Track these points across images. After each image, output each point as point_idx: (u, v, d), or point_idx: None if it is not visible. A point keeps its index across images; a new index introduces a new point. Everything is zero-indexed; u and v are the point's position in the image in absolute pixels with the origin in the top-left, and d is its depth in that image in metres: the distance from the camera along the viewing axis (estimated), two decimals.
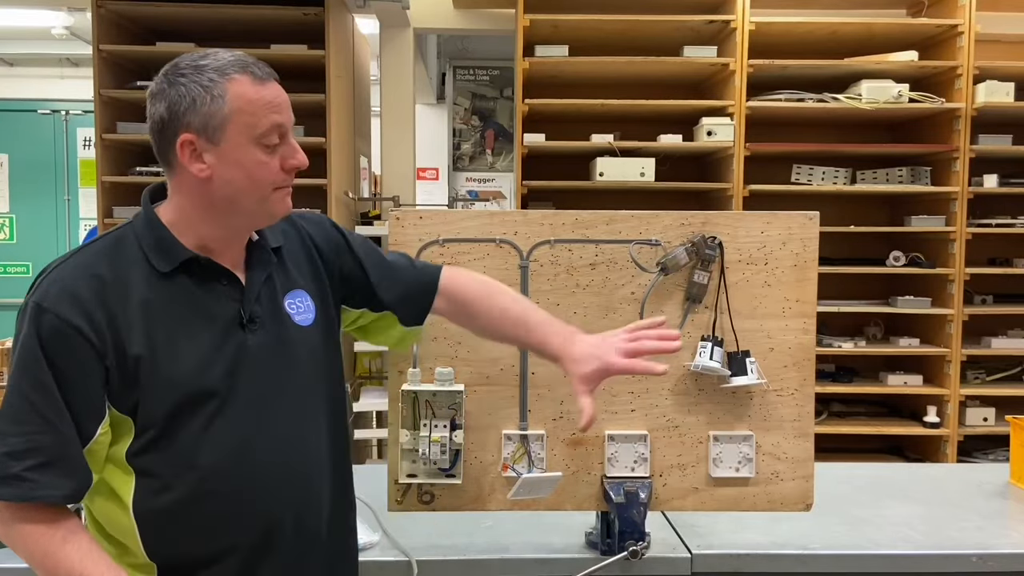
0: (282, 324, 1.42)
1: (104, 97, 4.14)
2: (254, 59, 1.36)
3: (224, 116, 1.29)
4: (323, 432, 1.46)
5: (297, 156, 1.35)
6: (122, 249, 1.36)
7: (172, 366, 1.30)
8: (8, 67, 8.13)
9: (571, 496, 1.80)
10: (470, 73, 7.39)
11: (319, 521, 1.43)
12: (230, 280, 1.39)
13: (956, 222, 4.09)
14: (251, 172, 1.33)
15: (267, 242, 1.45)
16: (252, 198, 1.34)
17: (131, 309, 1.30)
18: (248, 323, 1.37)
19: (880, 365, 4.43)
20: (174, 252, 1.35)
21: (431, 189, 7.76)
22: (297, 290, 1.46)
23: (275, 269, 1.44)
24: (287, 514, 1.37)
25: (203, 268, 1.37)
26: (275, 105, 1.33)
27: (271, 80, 1.34)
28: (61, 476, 1.26)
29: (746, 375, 1.76)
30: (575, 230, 1.79)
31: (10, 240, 6.81)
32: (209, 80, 1.30)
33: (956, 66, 4.05)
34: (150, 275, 1.33)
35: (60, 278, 1.30)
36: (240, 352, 1.35)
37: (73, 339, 1.26)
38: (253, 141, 1.32)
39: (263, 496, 1.35)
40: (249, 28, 4.30)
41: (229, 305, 1.37)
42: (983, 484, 2.31)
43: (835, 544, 1.87)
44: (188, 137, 1.30)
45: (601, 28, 4.10)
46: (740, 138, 4.05)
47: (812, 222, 1.81)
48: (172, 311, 1.33)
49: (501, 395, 1.79)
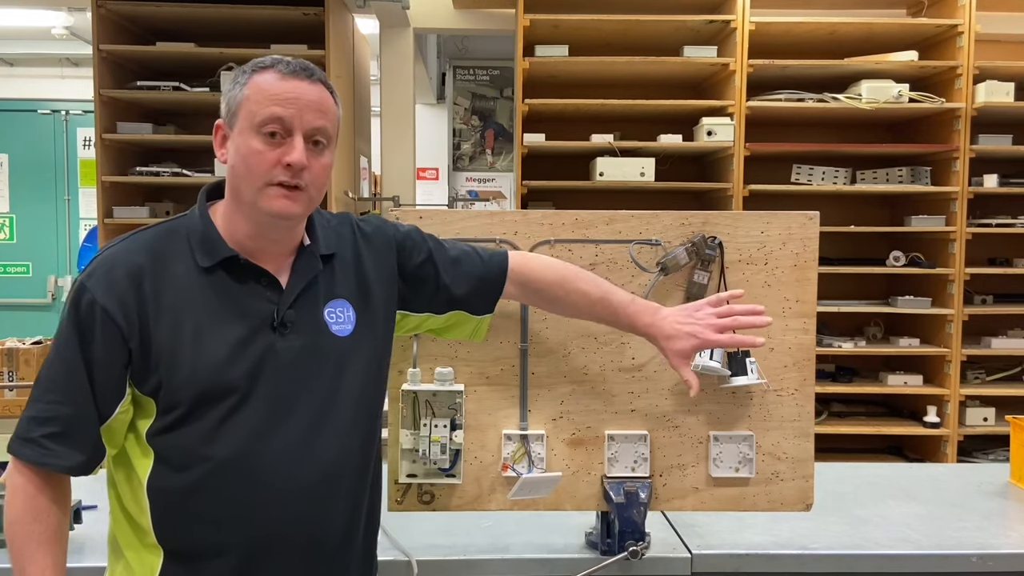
0: (318, 332, 1.41)
1: (104, 97, 4.14)
2: (301, 62, 1.38)
3: (239, 103, 1.35)
4: (345, 446, 1.42)
5: (292, 154, 1.33)
6: (170, 240, 1.39)
7: (195, 357, 1.33)
8: (8, 67, 8.13)
9: (571, 496, 1.80)
10: (470, 73, 7.39)
11: (329, 537, 1.41)
12: (269, 281, 1.39)
13: (956, 222, 4.09)
14: (247, 159, 1.34)
15: (318, 248, 1.45)
16: (249, 188, 1.35)
17: (165, 297, 1.34)
18: (279, 326, 1.38)
19: (880, 365, 4.43)
20: (217, 248, 1.38)
21: (431, 189, 7.76)
22: (339, 299, 1.45)
23: (321, 276, 1.44)
24: (291, 524, 1.36)
25: (242, 267, 1.38)
26: (283, 99, 1.33)
27: (297, 79, 1.35)
28: (72, 448, 1.32)
29: (746, 375, 1.76)
30: (575, 230, 1.79)
31: (10, 240, 6.80)
32: (243, 72, 1.38)
33: (956, 66, 4.06)
34: (191, 268, 1.37)
35: (105, 260, 1.37)
36: (267, 354, 1.36)
37: (102, 320, 1.32)
38: (253, 128, 1.34)
39: (265, 502, 1.35)
40: (249, 28, 4.30)
41: (264, 306, 1.38)
42: (983, 484, 2.32)
43: (835, 544, 1.87)
44: (219, 123, 1.39)
45: (601, 28, 4.10)
46: (740, 138, 4.06)
47: (812, 222, 1.81)
48: (205, 304, 1.35)
49: (501, 395, 1.79)
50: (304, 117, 1.34)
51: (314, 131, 1.36)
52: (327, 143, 1.39)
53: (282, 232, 1.41)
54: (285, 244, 1.42)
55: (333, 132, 1.41)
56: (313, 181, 1.37)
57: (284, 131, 1.34)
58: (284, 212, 1.35)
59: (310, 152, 1.36)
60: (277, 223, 1.38)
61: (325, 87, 1.39)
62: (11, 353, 5.53)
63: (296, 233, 1.44)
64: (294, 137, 1.34)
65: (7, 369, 5.51)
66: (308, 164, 1.35)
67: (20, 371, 5.50)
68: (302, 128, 1.34)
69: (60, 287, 6.66)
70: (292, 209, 1.36)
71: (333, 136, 1.41)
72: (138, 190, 4.47)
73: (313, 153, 1.36)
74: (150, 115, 4.47)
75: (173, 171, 4.32)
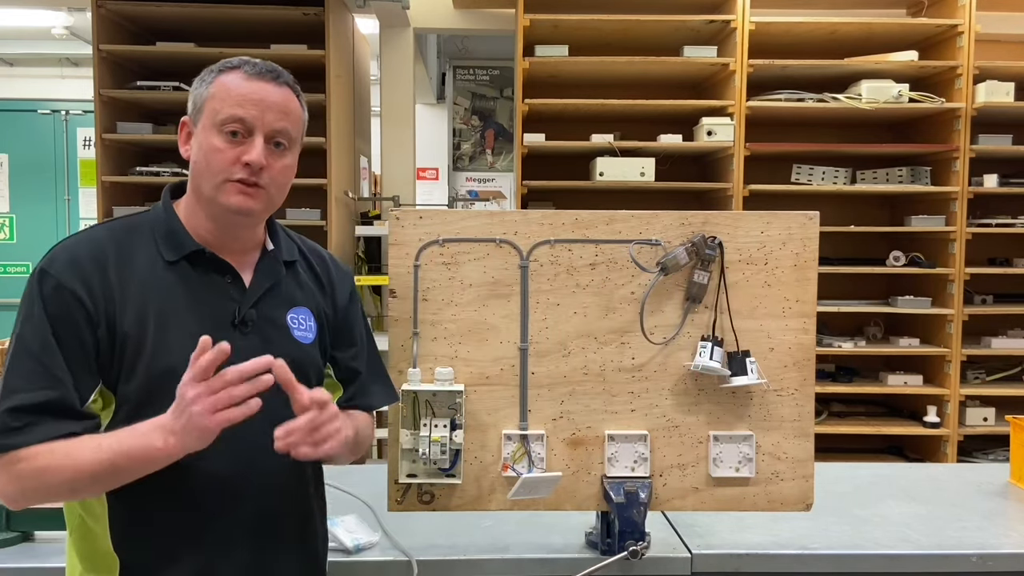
0: (278, 334, 1.42)
1: (104, 97, 4.14)
2: (268, 63, 1.40)
3: (204, 100, 1.38)
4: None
5: (250, 153, 1.35)
6: (133, 233, 1.40)
7: (155, 349, 1.32)
8: (8, 67, 8.14)
9: (571, 496, 1.80)
10: (470, 73, 7.40)
11: (280, 536, 1.42)
12: (234, 278, 1.40)
13: (956, 222, 4.09)
14: (207, 155, 1.36)
15: (280, 253, 1.47)
16: (208, 184, 1.37)
17: (129, 287, 1.33)
18: (240, 324, 1.38)
19: (880, 365, 4.43)
20: (183, 242, 1.39)
21: (431, 189, 7.76)
22: (303, 307, 1.48)
23: (284, 281, 1.46)
24: (241, 526, 1.36)
25: (208, 261, 1.39)
26: (246, 99, 1.35)
27: (263, 80, 1.37)
28: (74, 421, 1.29)
29: (746, 375, 1.76)
30: (575, 230, 1.79)
31: (10, 240, 6.80)
32: (210, 72, 1.40)
33: (956, 66, 4.05)
34: (156, 261, 1.37)
35: (67, 247, 1.36)
36: None
37: (71, 304, 1.30)
38: (215, 126, 1.36)
39: (216, 503, 1.35)
40: (249, 28, 4.30)
41: (226, 303, 1.39)
42: (983, 484, 2.31)
43: (835, 544, 1.87)
44: (184, 119, 1.43)
45: (601, 28, 4.10)
46: (740, 138, 4.05)
47: (812, 222, 1.81)
48: (168, 297, 1.35)
49: (501, 395, 1.79)
50: (265, 118, 1.36)
51: (275, 132, 1.37)
52: (288, 145, 1.40)
53: (241, 229, 1.42)
54: (245, 242, 1.43)
55: (296, 135, 1.42)
56: (273, 181, 1.38)
57: (245, 131, 1.36)
58: (241, 207, 1.37)
59: (270, 153, 1.37)
60: (236, 219, 1.39)
61: (291, 90, 1.41)
62: None
63: (256, 233, 1.45)
64: (255, 137, 1.36)
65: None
66: (268, 164, 1.37)
67: None
68: (263, 129, 1.36)
69: None
70: (249, 204, 1.37)
71: (296, 138, 1.42)
72: (138, 190, 4.47)
73: (274, 154, 1.38)
74: (150, 115, 4.47)
75: (173, 171, 4.32)
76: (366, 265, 4.83)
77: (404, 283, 1.76)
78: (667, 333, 1.79)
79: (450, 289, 1.77)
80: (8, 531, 1.76)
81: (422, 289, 1.77)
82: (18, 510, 1.46)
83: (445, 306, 1.77)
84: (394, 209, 2.69)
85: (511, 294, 1.78)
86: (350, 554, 1.76)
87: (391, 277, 1.77)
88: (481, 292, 1.77)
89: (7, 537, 1.76)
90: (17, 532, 1.77)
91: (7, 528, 1.76)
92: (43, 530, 1.79)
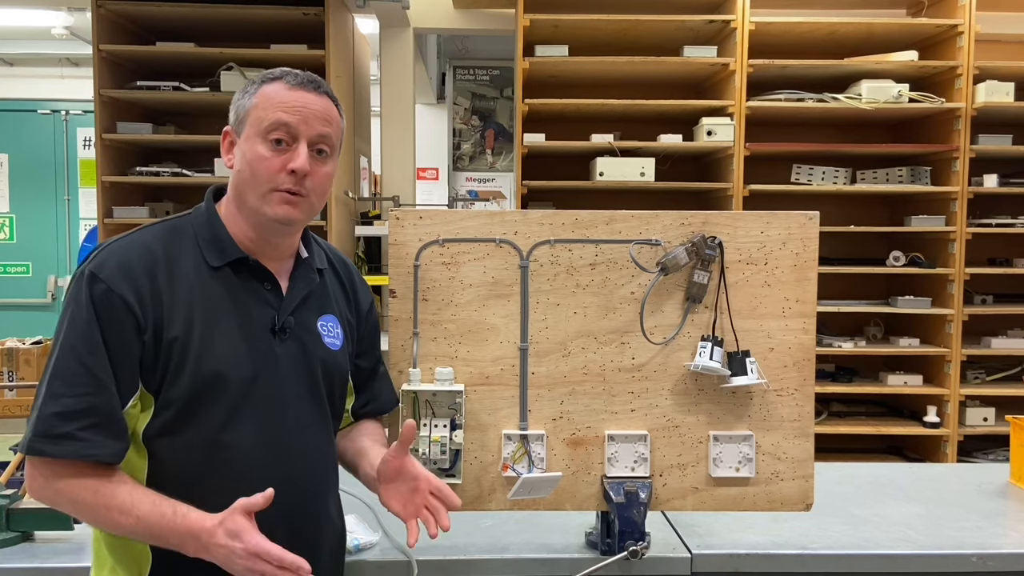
0: (312, 341, 1.47)
1: (104, 97, 4.14)
2: (308, 74, 1.44)
3: (247, 110, 1.40)
4: (331, 451, 1.52)
5: (296, 160, 1.38)
6: (178, 236, 1.42)
7: (202, 355, 1.34)
8: (8, 67, 8.13)
9: (571, 496, 1.80)
10: (470, 73, 7.39)
11: (317, 536, 1.46)
12: (273, 286, 1.44)
13: (956, 222, 4.09)
14: (252, 164, 1.38)
15: (313, 261, 1.51)
16: (254, 193, 1.39)
17: (177, 293, 1.36)
18: (279, 331, 1.42)
19: (880, 365, 4.43)
20: (227, 249, 1.41)
21: (431, 189, 7.77)
22: (331, 315, 1.52)
23: (316, 288, 1.50)
24: (281, 524, 1.37)
25: (251, 269, 1.42)
26: (289, 106, 1.38)
27: (304, 90, 1.40)
28: (110, 437, 1.31)
29: (746, 375, 1.76)
30: (575, 230, 1.79)
31: (10, 240, 6.80)
32: (252, 83, 1.43)
33: (956, 66, 4.06)
34: (200, 266, 1.39)
35: (116, 250, 1.37)
36: (266, 357, 1.40)
37: (120, 309, 1.31)
38: (259, 135, 1.38)
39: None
40: (249, 28, 4.30)
41: (266, 310, 1.42)
42: (983, 484, 2.31)
43: (835, 544, 1.87)
44: (227, 129, 1.44)
45: (601, 28, 4.10)
46: (740, 138, 4.05)
47: (812, 222, 1.81)
48: (213, 303, 1.38)
49: (501, 395, 1.79)
50: (309, 125, 1.39)
51: (318, 138, 1.40)
52: (331, 152, 1.44)
53: (281, 237, 1.45)
54: (283, 249, 1.47)
55: (337, 142, 1.45)
56: (315, 188, 1.42)
57: (289, 138, 1.38)
58: (286, 217, 1.40)
59: (313, 160, 1.40)
60: (278, 228, 1.42)
61: (331, 99, 1.44)
62: (11, 353, 5.53)
63: (293, 240, 1.49)
64: (299, 144, 1.38)
65: (7, 369, 5.51)
66: (311, 171, 1.39)
67: (20, 371, 5.50)
68: (307, 135, 1.39)
69: (60, 287, 6.66)
70: (293, 214, 1.40)
71: (336, 146, 1.46)
72: (138, 190, 4.47)
73: (317, 161, 1.41)
74: (150, 115, 4.47)
75: (173, 171, 4.32)
76: (366, 265, 4.83)
77: (404, 283, 1.77)
78: (667, 333, 1.79)
79: (450, 289, 1.77)
80: (8, 531, 1.76)
81: (422, 289, 1.77)
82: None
83: (445, 306, 1.77)
84: (394, 209, 2.68)
85: (511, 294, 1.78)
86: (350, 554, 1.76)
87: (391, 277, 1.77)
88: (481, 292, 1.77)
89: (7, 537, 1.76)
90: (17, 532, 1.77)
91: (7, 528, 1.76)
92: (43, 530, 1.79)
